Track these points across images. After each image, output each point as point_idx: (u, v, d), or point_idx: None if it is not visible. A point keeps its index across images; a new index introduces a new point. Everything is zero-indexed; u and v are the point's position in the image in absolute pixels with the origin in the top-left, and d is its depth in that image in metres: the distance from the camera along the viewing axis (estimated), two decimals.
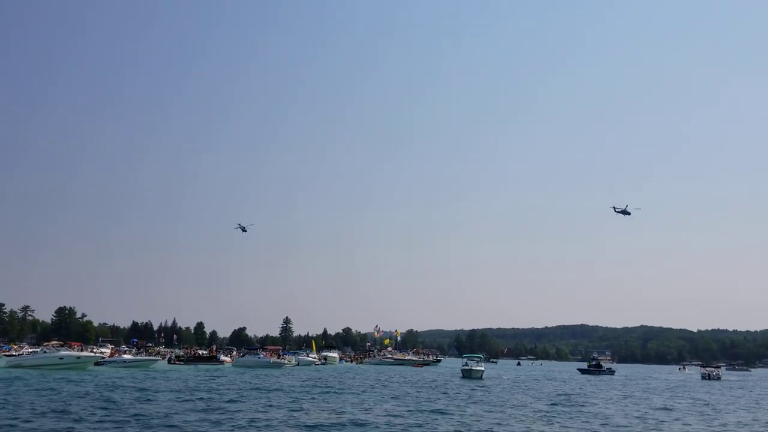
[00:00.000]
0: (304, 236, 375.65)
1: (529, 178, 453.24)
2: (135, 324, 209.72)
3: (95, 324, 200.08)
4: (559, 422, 25.42)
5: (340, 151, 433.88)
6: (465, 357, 76.31)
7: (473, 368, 65.30)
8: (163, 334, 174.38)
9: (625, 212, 66.72)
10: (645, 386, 61.60)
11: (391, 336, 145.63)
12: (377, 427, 22.07)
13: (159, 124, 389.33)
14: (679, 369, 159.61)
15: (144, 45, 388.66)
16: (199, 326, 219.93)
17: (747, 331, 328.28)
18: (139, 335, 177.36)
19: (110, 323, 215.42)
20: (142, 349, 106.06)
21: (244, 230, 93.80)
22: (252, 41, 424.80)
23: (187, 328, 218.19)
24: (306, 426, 21.81)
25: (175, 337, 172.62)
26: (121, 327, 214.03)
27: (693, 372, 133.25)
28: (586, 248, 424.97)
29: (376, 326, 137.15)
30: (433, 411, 27.96)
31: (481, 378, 63.32)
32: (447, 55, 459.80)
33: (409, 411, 27.61)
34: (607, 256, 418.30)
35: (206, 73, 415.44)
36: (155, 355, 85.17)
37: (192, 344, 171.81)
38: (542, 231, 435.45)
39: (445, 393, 40.32)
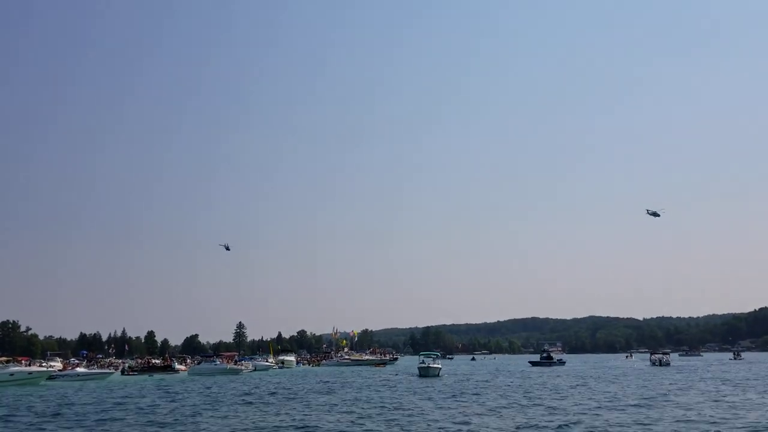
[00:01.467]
0: (255, 238, 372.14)
1: (472, 172, 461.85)
2: (83, 336, 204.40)
3: (41, 337, 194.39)
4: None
5: (293, 158, 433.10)
6: (422, 355, 75.62)
7: (430, 366, 64.29)
8: (113, 345, 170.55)
9: (655, 214, 69.12)
10: (597, 375, 63.58)
11: (347, 337, 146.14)
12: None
13: (108, 132, 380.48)
14: (626, 357, 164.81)
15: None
16: (150, 335, 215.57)
17: (690, 317, 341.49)
18: (88, 347, 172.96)
19: (56, 336, 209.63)
20: (93, 362, 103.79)
21: (227, 249, 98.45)
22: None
23: (138, 338, 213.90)
24: None
25: (126, 347, 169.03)
26: (69, 339, 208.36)
27: (639, 359, 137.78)
28: (534, 242, 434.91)
29: (334, 327, 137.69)
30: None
31: (438, 375, 62.26)
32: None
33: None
34: (554, 249, 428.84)
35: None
36: (107, 367, 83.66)
37: (143, 354, 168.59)
38: (490, 226, 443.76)
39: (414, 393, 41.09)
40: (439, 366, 67.40)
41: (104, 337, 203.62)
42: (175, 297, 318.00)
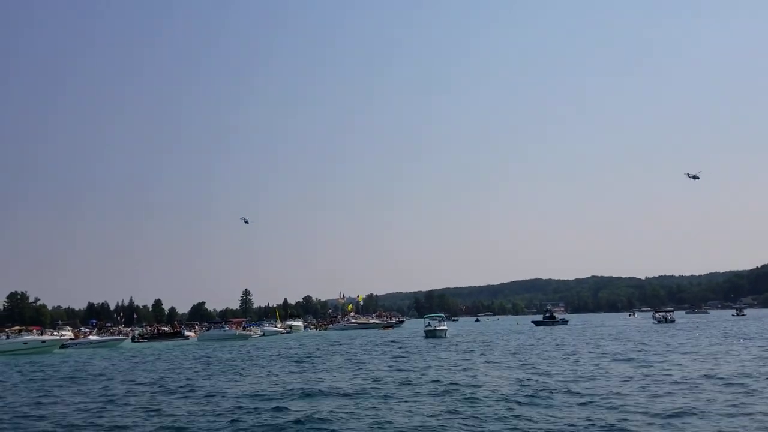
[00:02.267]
0: (260, 206, 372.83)
1: (474, 135, 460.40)
2: (91, 305, 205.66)
3: (49, 307, 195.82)
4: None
5: (300, 123, 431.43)
6: (427, 317, 75.55)
7: (437, 328, 64.49)
8: (122, 314, 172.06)
9: (695, 177, 69.42)
10: (607, 333, 64.38)
11: (353, 301, 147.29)
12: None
13: (117, 112, 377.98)
14: (629, 315, 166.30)
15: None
16: (157, 303, 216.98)
17: (692, 275, 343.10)
18: (97, 316, 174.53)
19: (65, 306, 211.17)
20: (103, 330, 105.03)
21: (246, 222, 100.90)
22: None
23: (145, 306, 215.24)
24: None
25: (135, 315, 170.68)
26: (77, 309, 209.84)
27: (641, 317, 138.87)
28: (535, 204, 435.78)
29: (340, 292, 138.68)
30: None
31: (444, 337, 62.41)
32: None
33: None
34: (555, 210, 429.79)
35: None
36: (117, 335, 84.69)
37: (151, 321, 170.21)
38: (491, 189, 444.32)
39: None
40: (445, 327, 67.15)
41: (112, 306, 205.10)
42: (182, 265, 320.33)
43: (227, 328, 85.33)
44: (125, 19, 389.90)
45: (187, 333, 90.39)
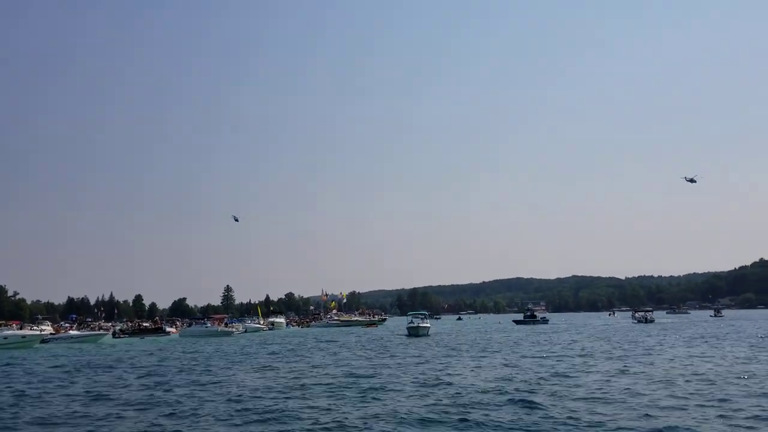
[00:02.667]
0: (243, 203, 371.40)
1: (453, 136, 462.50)
2: (71, 300, 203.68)
3: (28, 302, 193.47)
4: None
5: (286, 121, 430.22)
6: (410, 315, 75.28)
7: (420, 325, 64.11)
8: (102, 309, 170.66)
9: (692, 181, 70.28)
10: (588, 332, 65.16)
11: (336, 299, 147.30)
12: None
13: (101, 106, 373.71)
14: (609, 314, 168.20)
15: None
16: (138, 299, 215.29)
17: (671, 276, 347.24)
18: (77, 311, 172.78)
19: (44, 300, 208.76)
20: (83, 325, 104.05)
21: (236, 220, 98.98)
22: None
23: (126, 301, 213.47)
24: None
25: (115, 310, 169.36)
26: (56, 303, 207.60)
27: (621, 317, 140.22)
28: (517, 203, 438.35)
29: (323, 290, 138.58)
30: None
31: (427, 335, 62.01)
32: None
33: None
34: (537, 210, 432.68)
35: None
36: (98, 330, 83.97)
37: (132, 317, 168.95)
38: (473, 188, 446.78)
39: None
40: (428, 325, 66.89)
41: (92, 301, 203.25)
42: (163, 261, 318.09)
43: (209, 325, 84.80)
44: (115, 11, 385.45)
45: (168, 329, 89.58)
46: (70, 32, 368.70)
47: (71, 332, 70.03)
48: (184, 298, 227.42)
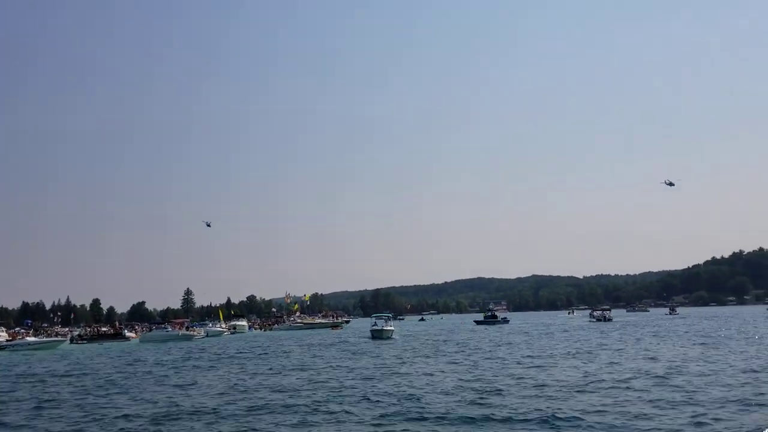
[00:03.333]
0: (207, 205, 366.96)
1: (413, 136, 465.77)
2: (25, 304, 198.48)
3: None
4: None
5: (254, 122, 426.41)
6: (374, 317, 71.93)
7: (384, 328, 62.06)
8: (58, 314, 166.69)
9: (671, 184, 71.56)
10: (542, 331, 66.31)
11: (299, 300, 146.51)
12: None
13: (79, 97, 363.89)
14: (568, 313, 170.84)
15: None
16: (95, 303, 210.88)
17: (627, 275, 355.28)
18: (31, 316, 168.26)
19: None
20: (39, 331, 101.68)
21: (208, 225, 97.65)
22: None
23: (83, 306, 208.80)
24: None
25: (72, 315, 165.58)
26: (10, 308, 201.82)
27: (579, 316, 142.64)
28: (478, 203, 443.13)
29: (287, 292, 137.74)
30: None
31: (391, 338, 60.02)
32: None
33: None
34: (498, 210, 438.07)
35: None
36: (54, 336, 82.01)
37: (89, 322, 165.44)
38: (432, 188, 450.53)
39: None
40: (392, 328, 65.63)
41: (48, 306, 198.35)
42: (120, 264, 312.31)
43: (170, 329, 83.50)
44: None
45: (128, 334, 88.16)
46: (35, 26, 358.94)
47: (28, 339, 68.32)
48: (143, 302, 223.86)
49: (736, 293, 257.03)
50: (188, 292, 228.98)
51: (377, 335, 60.54)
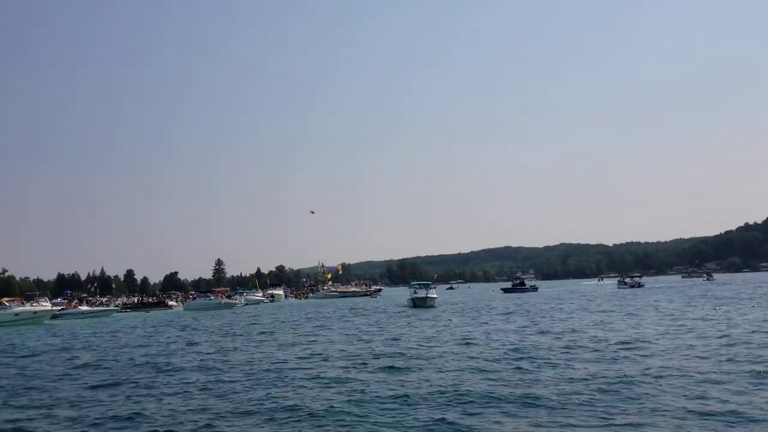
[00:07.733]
0: (230, 175, 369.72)
1: (447, 101, 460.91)
2: (61, 276, 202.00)
3: (17, 278, 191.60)
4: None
5: (263, 92, 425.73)
6: (414, 284, 67.98)
7: (427, 296, 59.10)
8: (95, 284, 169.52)
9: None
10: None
11: (332, 270, 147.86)
12: None
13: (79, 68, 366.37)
14: (598, 281, 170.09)
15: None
16: (129, 273, 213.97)
17: (657, 242, 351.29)
18: (68, 287, 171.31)
19: (32, 277, 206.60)
20: (81, 301, 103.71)
21: (312, 213, 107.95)
22: None
23: (117, 276, 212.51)
24: None
25: (113, 286, 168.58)
26: (46, 280, 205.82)
27: (609, 283, 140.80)
28: (505, 173, 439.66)
29: (320, 262, 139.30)
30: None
31: (434, 306, 57.56)
32: None
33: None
34: (525, 179, 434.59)
35: None
36: (98, 306, 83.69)
37: (125, 292, 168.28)
38: (462, 157, 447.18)
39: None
40: (435, 296, 61.34)
41: (83, 277, 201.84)
42: (152, 235, 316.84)
43: (212, 297, 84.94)
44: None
45: (170, 302, 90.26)
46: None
47: (81, 308, 69.79)
48: (176, 273, 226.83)
49: None
50: (219, 263, 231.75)
51: (420, 303, 58.20)
